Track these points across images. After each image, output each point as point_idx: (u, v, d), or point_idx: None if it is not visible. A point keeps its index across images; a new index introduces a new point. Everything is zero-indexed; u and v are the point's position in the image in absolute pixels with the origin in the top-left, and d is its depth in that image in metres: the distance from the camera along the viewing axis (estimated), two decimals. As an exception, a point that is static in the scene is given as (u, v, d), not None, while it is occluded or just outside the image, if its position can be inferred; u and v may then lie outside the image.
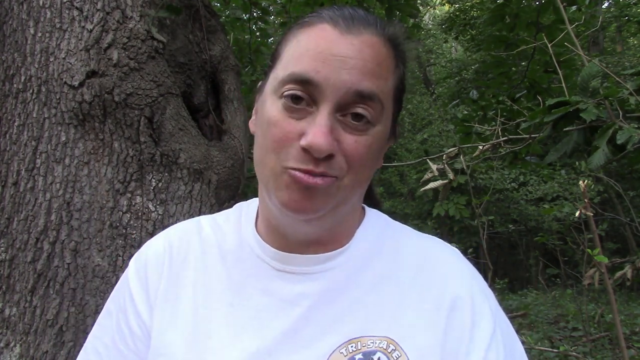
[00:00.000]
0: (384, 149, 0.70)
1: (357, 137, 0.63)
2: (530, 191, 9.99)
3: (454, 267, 0.72)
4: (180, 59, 1.88)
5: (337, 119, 0.63)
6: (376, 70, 0.63)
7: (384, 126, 0.67)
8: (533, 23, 3.41)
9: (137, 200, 1.63)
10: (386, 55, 0.65)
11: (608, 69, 2.52)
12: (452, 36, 11.33)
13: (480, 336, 0.67)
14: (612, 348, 4.83)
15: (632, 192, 9.20)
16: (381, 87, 0.64)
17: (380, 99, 0.64)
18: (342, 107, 0.63)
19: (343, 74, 0.61)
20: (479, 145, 3.20)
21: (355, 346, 0.64)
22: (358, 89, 0.62)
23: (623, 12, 9.73)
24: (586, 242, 3.41)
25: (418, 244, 0.74)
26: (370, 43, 0.64)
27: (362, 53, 0.63)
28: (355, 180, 0.66)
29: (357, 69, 0.62)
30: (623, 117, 1.90)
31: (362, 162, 0.65)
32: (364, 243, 0.72)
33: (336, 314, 0.66)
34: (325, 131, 0.61)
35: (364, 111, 0.63)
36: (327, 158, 0.62)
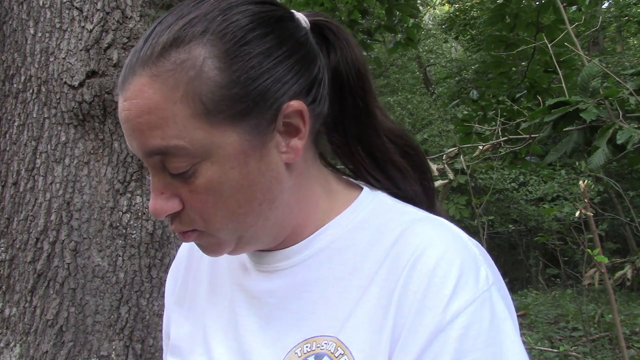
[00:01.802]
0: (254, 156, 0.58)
1: (191, 185, 0.57)
2: (530, 191, 9.99)
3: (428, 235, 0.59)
4: (180, 59, 1.88)
5: (167, 173, 0.57)
6: (152, 121, 0.54)
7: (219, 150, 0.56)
8: (533, 23, 3.41)
9: (137, 200, 1.63)
10: (158, 90, 0.54)
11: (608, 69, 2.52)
12: (452, 36, 11.33)
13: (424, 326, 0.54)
14: (612, 348, 4.83)
15: (632, 192, 9.21)
16: (170, 133, 0.54)
17: (176, 147, 0.54)
18: (161, 167, 0.57)
19: (131, 140, 0.57)
20: (479, 145, 3.20)
21: (310, 346, 0.60)
22: (145, 150, 0.56)
23: (623, 12, 9.74)
24: (586, 242, 3.41)
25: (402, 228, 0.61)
26: (135, 92, 0.55)
27: (132, 112, 0.55)
28: (225, 220, 0.59)
29: (136, 131, 0.55)
30: (623, 117, 1.90)
31: (210, 206, 0.58)
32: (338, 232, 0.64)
33: (300, 310, 0.62)
34: (153, 196, 0.58)
35: (171, 164, 0.56)
36: (175, 215, 0.59)
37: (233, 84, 0.56)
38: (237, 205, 0.59)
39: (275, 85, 0.58)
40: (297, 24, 0.62)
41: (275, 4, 0.62)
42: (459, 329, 0.54)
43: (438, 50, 14.71)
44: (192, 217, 0.59)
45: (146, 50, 0.55)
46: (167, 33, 0.55)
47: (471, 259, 0.58)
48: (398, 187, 0.70)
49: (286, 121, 0.59)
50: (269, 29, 0.58)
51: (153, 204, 0.58)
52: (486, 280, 0.57)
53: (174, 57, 0.55)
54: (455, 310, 0.55)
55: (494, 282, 0.58)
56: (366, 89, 0.67)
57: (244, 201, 0.59)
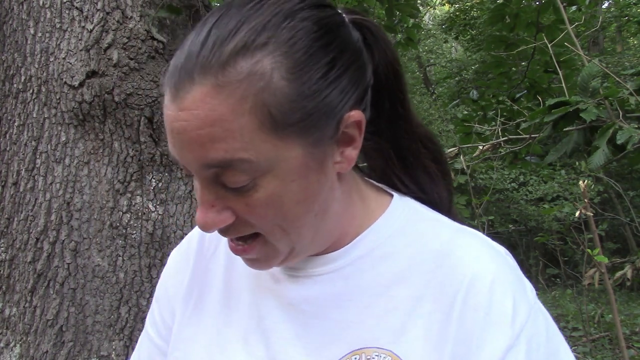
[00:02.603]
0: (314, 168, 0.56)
1: (247, 198, 0.54)
2: (530, 191, 9.99)
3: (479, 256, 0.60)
4: (180, 59, 1.88)
5: (220, 185, 0.54)
6: (216, 133, 0.51)
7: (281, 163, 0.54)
8: (533, 23, 3.41)
9: (137, 200, 1.63)
10: (223, 101, 0.51)
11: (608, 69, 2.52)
12: (452, 36, 11.34)
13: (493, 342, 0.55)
14: (612, 348, 4.83)
15: (632, 192, 9.20)
16: (234, 146, 0.51)
17: (240, 160, 0.52)
18: (215, 180, 0.54)
19: (185, 152, 0.53)
20: (479, 145, 3.20)
21: (358, 358, 0.58)
22: (204, 163, 0.52)
23: (623, 12, 9.74)
24: (586, 242, 3.41)
25: (444, 238, 0.62)
26: (197, 103, 0.51)
27: (191, 123, 0.51)
28: (283, 231, 0.57)
29: (193, 143, 0.52)
30: (623, 117, 1.90)
31: (269, 219, 0.56)
32: (376, 239, 0.63)
33: (341, 320, 0.60)
34: (203, 209, 0.55)
35: (231, 178, 0.53)
36: (228, 227, 0.56)
37: (301, 96, 0.53)
38: (295, 218, 0.57)
39: (339, 96, 0.56)
40: (350, 29, 0.60)
41: (332, 6, 0.59)
42: (526, 342, 0.56)
43: (438, 50, 14.71)
44: (249, 225, 0.57)
45: (208, 56, 0.51)
46: (233, 40, 0.51)
47: (515, 273, 0.61)
48: (424, 192, 0.69)
49: (345, 131, 0.57)
50: (332, 37, 0.56)
51: (203, 217, 0.55)
52: (532, 291, 0.60)
53: (241, 67, 0.51)
54: (520, 324, 0.56)
55: (534, 293, 0.61)
56: (404, 91, 0.66)
57: (301, 213, 0.57)
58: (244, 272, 0.69)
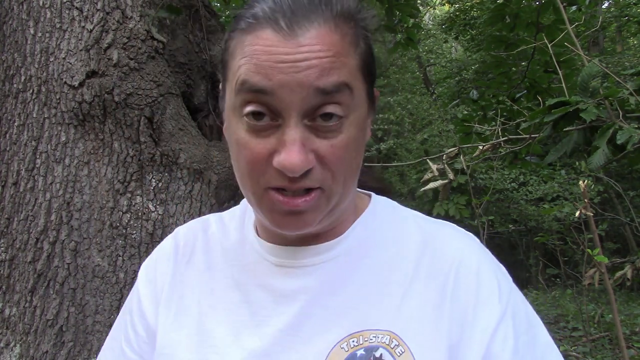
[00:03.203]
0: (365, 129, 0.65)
1: (332, 140, 0.59)
2: (530, 191, 9.99)
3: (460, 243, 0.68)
4: (180, 59, 1.88)
5: (305, 125, 0.58)
6: (334, 63, 0.58)
7: (358, 110, 0.62)
8: (533, 23, 3.41)
9: (137, 200, 1.63)
10: (340, 40, 0.59)
11: (608, 69, 2.52)
12: (452, 36, 11.33)
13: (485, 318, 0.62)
14: (612, 348, 4.83)
15: (632, 192, 9.20)
16: (344, 75, 0.59)
17: (348, 86, 0.59)
18: (308, 113, 0.58)
19: (299, 77, 0.57)
20: (479, 145, 3.20)
21: (357, 340, 0.60)
22: (319, 86, 0.57)
23: (623, 12, 9.73)
24: (586, 242, 3.41)
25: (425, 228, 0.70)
26: (319, 37, 0.58)
27: (313, 53, 0.57)
28: (345, 182, 0.62)
29: (312, 69, 0.57)
30: (623, 117, 1.90)
31: (344, 164, 0.61)
32: (364, 231, 0.68)
33: (337, 306, 0.63)
34: (296, 149, 0.57)
35: (334, 109, 0.58)
36: (305, 173, 0.59)
37: (371, 58, 0.65)
38: (356, 167, 0.64)
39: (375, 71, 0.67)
40: None
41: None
42: (511, 314, 0.64)
43: (438, 50, 14.70)
44: (324, 174, 0.60)
45: (319, 4, 0.60)
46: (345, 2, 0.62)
47: (490, 255, 0.70)
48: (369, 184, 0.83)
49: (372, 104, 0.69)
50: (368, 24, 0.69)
51: (295, 157, 0.57)
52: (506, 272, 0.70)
53: (351, 22, 0.62)
54: (505, 299, 0.64)
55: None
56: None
57: (357, 165, 0.64)
58: (228, 273, 0.71)
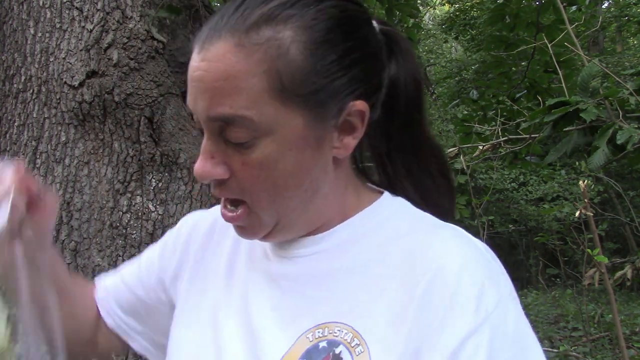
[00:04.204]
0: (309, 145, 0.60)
1: (245, 156, 0.58)
2: (530, 191, 9.98)
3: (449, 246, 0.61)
4: (180, 59, 1.88)
5: (223, 140, 0.59)
6: (226, 88, 0.56)
7: (281, 130, 0.58)
8: (533, 23, 3.41)
9: (137, 200, 1.63)
10: (242, 59, 0.56)
11: (608, 69, 2.52)
12: (452, 36, 11.34)
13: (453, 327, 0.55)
14: (612, 348, 4.83)
15: (632, 192, 9.19)
16: (240, 103, 0.56)
17: (242, 117, 0.56)
18: (219, 132, 0.58)
19: (198, 102, 0.58)
20: (479, 145, 3.20)
21: (322, 332, 0.60)
22: (210, 116, 0.57)
23: (623, 12, 9.73)
24: (586, 242, 3.41)
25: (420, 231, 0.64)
26: (217, 56, 0.56)
27: (209, 73, 0.56)
28: (270, 199, 0.60)
29: (207, 93, 0.57)
30: (623, 117, 1.90)
31: (260, 182, 0.59)
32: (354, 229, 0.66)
33: (313, 296, 0.63)
34: (202, 158, 0.59)
35: (234, 134, 0.57)
36: (221, 183, 0.61)
37: (313, 72, 0.58)
38: (285, 187, 0.60)
39: (348, 82, 0.60)
40: (374, 31, 0.65)
41: (362, 5, 0.65)
42: (490, 330, 0.56)
43: (438, 50, 14.70)
44: (240, 186, 0.60)
45: (237, 18, 0.57)
46: (261, 9, 0.57)
47: (489, 266, 0.61)
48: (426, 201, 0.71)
49: (347, 119, 0.61)
50: (353, 29, 0.61)
51: (200, 166, 0.59)
52: (505, 285, 0.60)
53: (264, 33, 0.56)
54: (484, 313, 0.56)
55: (510, 287, 0.61)
56: (420, 102, 0.71)
57: (292, 185, 0.61)
58: (244, 251, 0.73)
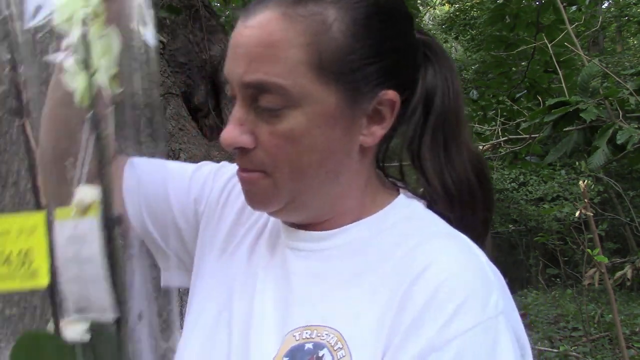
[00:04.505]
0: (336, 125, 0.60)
1: (273, 126, 0.58)
2: (530, 191, 9.97)
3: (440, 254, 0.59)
4: (180, 59, 1.88)
5: (253, 109, 0.59)
6: (266, 54, 0.56)
7: (313, 105, 0.58)
8: (533, 23, 3.41)
9: (137, 200, 1.63)
10: (285, 29, 0.57)
11: (608, 69, 2.52)
12: (452, 36, 11.33)
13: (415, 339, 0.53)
14: (612, 348, 4.83)
15: (632, 192, 9.18)
16: (276, 70, 0.56)
17: (277, 85, 0.56)
18: (250, 99, 0.58)
19: (235, 66, 0.58)
20: (479, 145, 3.20)
21: (310, 333, 0.59)
22: (245, 81, 0.57)
23: (623, 12, 9.72)
24: (586, 242, 3.41)
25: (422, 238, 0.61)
26: (261, 23, 0.57)
27: (250, 38, 0.57)
28: (291, 173, 0.60)
29: (245, 58, 0.57)
30: (623, 117, 1.90)
31: (284, 153, 0.59)
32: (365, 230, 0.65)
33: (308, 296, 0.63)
34: (231, 125, 0.59)
35: (267, 101, 0.57)
36: (245, 152, 0.60)
37: (350, 53, 0.58)
38: (308, 163, 0.60)
39: (382, 70, 0.60)
40: (413, 30, 0.66)
41: (403, 2, 0.66)
42: (455, 352, 0.52)
43: (438, 50, 14.69)
44: (262, 159, 0.60)
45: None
46: None
47: (484, 282, 0.56)
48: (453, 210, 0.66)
49: (377, 107, 0.61)
50: (394, 20, 0.62)
51: (228, 131, 0.59)
52: (495, 307, 0.55)
53: (310, 7, 0.57)
54: (455, 331, 0.52)
55: (503, 311, 0.55)
56: (461, 111, 0.69)
57: (315, 162, 0.60)
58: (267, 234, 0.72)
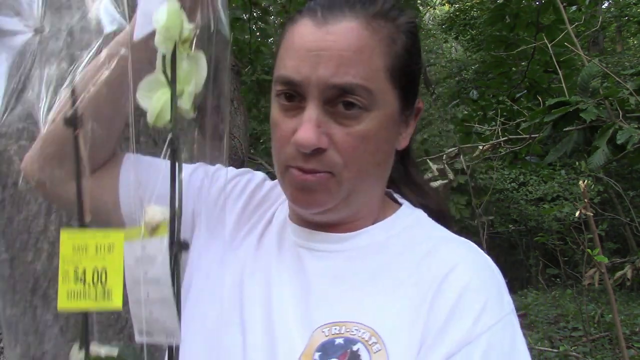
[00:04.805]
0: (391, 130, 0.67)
1: (349, 128, 0.63)
2: (530, 191, 9.98)
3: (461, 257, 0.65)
4: (180, 59, 1.88)
5: (327, 111, 0.63)
6: (354, 59, 0.61)
7: (383, 109, 0.64)
8: (533, 23, 3.42)
9: (137, 200, 1.63)
10: (369, 36, 0.63)
11: (608, 69, 2.52)
12: (452, 36, 11.33)
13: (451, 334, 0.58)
14: (612, 348, 4.82)
15: (632, 192, 9.18)
16: (363, 74, 0.62)
17: (364, 87, 0.62)
18: (329, 101, 0.62)
19: (320, 70, 0.61)
20: (479, 145, 3.21)
21: (339, 329, 0.62)
22: (334, 83, 0.61)
23: (623, 12, 9.73)
24: (586, 242, 3.41)
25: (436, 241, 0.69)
26: (347, 30, 0.62)
27: (337, 43, 0.62)
28: (358, 172, 0.65)
29: (332, 61, 0.61)
30: (623, 117, 1.91)
31: (357, 153, 0.64)
32: (379, 235, 0.70)
33: (331, 294, 0.66)
34: (309, 126, 0.62)
35: (348, 103, 0.62)
36: (317, 153, 0.63)
37: (409, 65, 0.67)
38: (373, 162, 0.66)
39: (417, 84, 0.71)
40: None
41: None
42: (485, 344, 0.58)
43: (438, 50, 14.70)
44: (335, 159, 0.64)
45: (360, 3, 0.65)
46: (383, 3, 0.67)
47: (498, 282, 0.65)
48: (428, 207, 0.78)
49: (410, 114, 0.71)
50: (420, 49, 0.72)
51: (306, 132, 0.61)
52: (508, 304, 0.63)
53: (383, 22, 0.65)
54: (484, 325, 0.59)
55: (512, 308, 0.63)
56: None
57: (377, 161, 0.67)
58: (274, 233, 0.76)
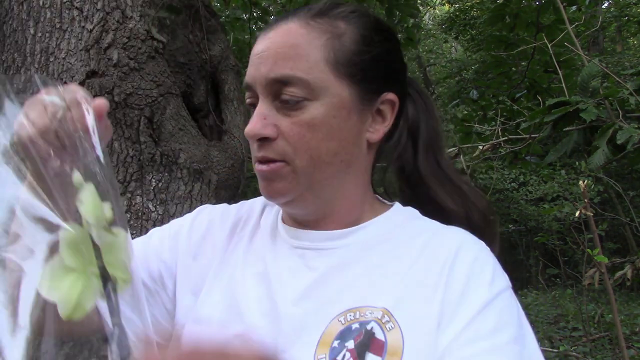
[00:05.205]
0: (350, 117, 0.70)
1: (294, 118, 0.67)
2: (530, 191, 9.97)
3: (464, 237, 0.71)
4: (180, 59, 1.88)
5: (275, 105, 0.68)
6: (290, 53, 0.67)
7: (329, 97, 0.68)
8: (533, 23, 3.42)
9: (137, 200, 1.63)
10: (305, 33, 0.68)
11: (608, 69, 2.52)
12: (452, 36, 11.33)
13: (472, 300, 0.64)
14: (612, 348, 4.83)
15: (632, 192, 9.17)
16: (300, 67, 0.67)
17: (300, 79, 0.66)
18: (275, 95, 0.68)
19: (261, 68, 0.68)
20: (479, 145, 3.20)
21: (353, 315, 0.65)
22: (272, 77, 0.67)
23: (623, 12, 9.72)
24: (586, 242, 3.41)
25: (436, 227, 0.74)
26: (284, 30, 0.69)
27: (275, 42, 0.68)
28: (311, 159, 0.68)
29: (270, 58, 0.67)
30: (623, 117, 1.90)
31: (305, 141, 0.67)
32: (380, 227, 0.74)
33: (340, 285, 0.68)
34: (256, 119, 0.68)
35: (287, 96, 0.67)
36: (266, 142, 0.68)
37: (360, 55, 0.70)
38: (326, 150, 0.69)
39: (385, 74, 0.73)
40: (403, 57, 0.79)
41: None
42: (501, 305, 0.65)
43: (438, 50, 14.70)
44: (285, 148, 0.68)
45: (304, 10, 0.71)
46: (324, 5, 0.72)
47: (495, 259, 0.71)
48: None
49: (380, 107, 0.73)
50: (390, 38, 0.76)
51: (253, 124, 0.68)
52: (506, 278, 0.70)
53: (325, 20, 0.70)
54: (498, 288, 0.66)
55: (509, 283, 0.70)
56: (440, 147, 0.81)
57: (332, 150, 0.69)
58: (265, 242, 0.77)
